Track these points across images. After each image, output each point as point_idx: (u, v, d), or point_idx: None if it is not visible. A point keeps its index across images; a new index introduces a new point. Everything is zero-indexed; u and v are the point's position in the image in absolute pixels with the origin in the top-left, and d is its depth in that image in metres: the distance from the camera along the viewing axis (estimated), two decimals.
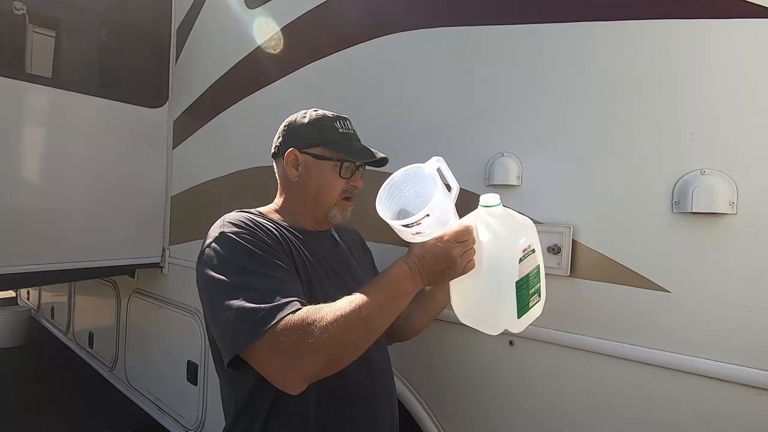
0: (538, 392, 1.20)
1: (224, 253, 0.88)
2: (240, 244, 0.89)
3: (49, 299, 4.86)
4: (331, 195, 1.05)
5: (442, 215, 0.85)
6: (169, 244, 2.68)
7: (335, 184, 1.05)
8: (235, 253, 0.88)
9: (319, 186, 1.05)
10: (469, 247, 0.85)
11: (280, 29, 1.91)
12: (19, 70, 2.23)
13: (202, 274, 0.88)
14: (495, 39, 1.28)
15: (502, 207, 0.90)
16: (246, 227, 0.93)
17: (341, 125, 1.07)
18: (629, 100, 1.05)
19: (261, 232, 0.94)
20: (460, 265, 0.85)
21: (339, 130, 1.06)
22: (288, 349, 0.76)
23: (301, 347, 0.76)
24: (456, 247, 0.84)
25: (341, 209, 1.07)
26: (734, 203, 0.92)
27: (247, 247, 0.88)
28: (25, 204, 2.22)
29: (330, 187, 1.05)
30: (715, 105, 0.95)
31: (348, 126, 1.09)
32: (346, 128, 1.08)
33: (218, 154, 2.33)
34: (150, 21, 2.62)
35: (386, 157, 1.10)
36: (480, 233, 0.87)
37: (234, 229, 0.91)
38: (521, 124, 1.23)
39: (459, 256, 0.84)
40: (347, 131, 1.08)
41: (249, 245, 0.88)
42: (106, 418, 3.01)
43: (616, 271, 1.06)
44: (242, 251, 0.88)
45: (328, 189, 1.05)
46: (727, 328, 0.93)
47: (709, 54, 0.96)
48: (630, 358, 1.04)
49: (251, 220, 0.97)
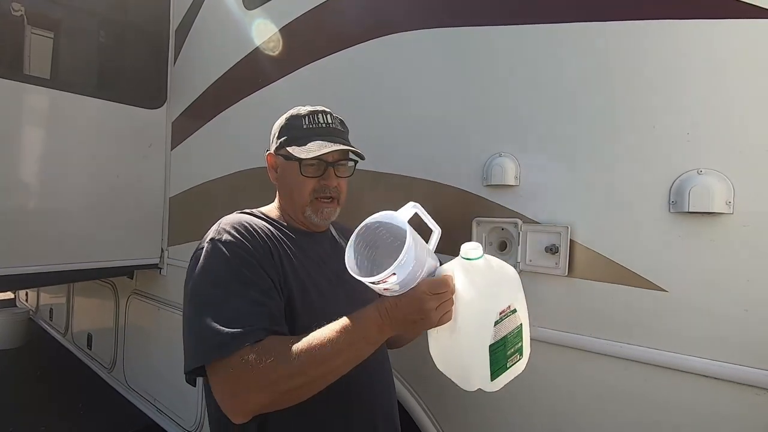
0: (536, 392, 1.20)
1: (208, 266, 0.88)
2: (225, 258, 0.88)
3: (47, 301, 4.86)
4: (302, 195, 1.02)
5: (413, 272, 0.76)
6: (168, 245, 2.68)
7: (304, 183, 1.01)
8: (219, 266, 0.88)
9: (290, 186, 1.04)
10: (445, 299, 0.78)
11: (279, 30, 1.92)
12: (18, 72, 2.23)
13: (186, 279, 0.91)
14: (493, 39, 1.28)
15: (484, 259, 0.83)
16: (238, 236, 0.91)
17: (309, 120, 1.02)
18: (626, 100, 1.06)
19: (255, 238, 0.93)
20: (435, 318, 0.78)
21: (303, 126, 1.02)
22: (236, 381, 0.77)
23: (249, 381, 0.76)
24: (431, 300, 0.76)
25: (315, 209, 1.03)
26: (731, 203, 0.92)
27: (231, 262, 0.87)
28: (23, 205, 2.22)
29: (300, 187, 1.02)
30: (711, 104, 0.95)
31: (318, 120, 1.03)
32: (314, 123, 1.03)
33: (217, 155, 2.33)
34: (148, 22, 2.62)
35: (348, 148, 1.03)
36: (458, 286, 0.80)
37: (225, 238, 0.90)
38: (519, 124, 1.23)
39: (433, 309, 0.77)
40: (315, 126, 1.02)
41: (234, 259, 0.88)
42: (104, 419, 3.00)
43: (614, 271, 1.06)
44: (226, 265, 0.87)
45: (298, 189, 1.02)
46: (724, 328, 0.94)
47: (706, 54, 0.96)
48: (628, 358, 1.04)
49: (248, 224, 0.96)
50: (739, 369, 0.91)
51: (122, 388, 3.20)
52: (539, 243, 1.18)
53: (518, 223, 1.21)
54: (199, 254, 0.91)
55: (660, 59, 1.01)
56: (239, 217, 1.00)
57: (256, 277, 0.88)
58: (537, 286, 1.19)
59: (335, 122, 1.07)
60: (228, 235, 0.91)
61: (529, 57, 1.21)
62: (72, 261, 2.34)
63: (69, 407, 3.18)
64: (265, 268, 0.90)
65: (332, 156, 1.02)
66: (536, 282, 1.19)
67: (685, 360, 0.97)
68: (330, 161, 1.02)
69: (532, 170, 1.21)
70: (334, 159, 1.03)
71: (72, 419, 3.03)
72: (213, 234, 0.93)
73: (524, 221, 1.20)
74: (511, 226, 1.23)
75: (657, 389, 1.02)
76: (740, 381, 0.91)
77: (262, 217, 1.05)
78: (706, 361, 0.95)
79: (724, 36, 0.94)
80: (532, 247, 1.19)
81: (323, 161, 1.01)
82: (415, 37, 1.46)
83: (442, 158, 1.38)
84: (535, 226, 1.19)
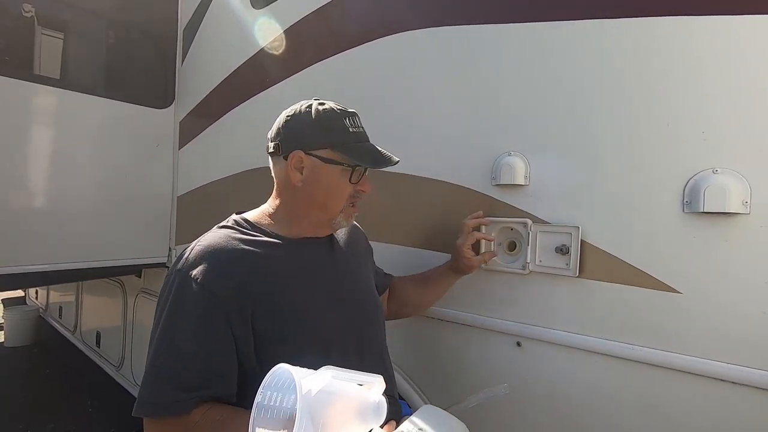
0: (545, 394, 1.18)
1: (174, 303, 0.86)
2: (192, 301, 0.85)
3: (56, 299, 4.90)
4: (339, 201, 0.98)
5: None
6: (176, 244, 2.69)
7: (344, 189, 0.97)
8: (186, 306, 0.85)
9: (327, 192, 0.97)
10: None
11: (287, 29, 1.91)
12: (28, 72, 2.25)
13: (156, 310, 0.90)
14: (502, 37, 1.26)
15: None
16: (212, 272, 0.86)
17: (351, 123, 0.98)
18: (639, 98, 1.04)
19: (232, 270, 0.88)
20: None
21: (349, 129, 0.97)
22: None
23: None
24: None
25: (347, 215, 1.01)
26: (747, 202, 0.90)
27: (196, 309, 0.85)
28: (33, 204, 2.24)
29: (339, 192, 0.97)
30: (728, 102, 0.93)
31: (357, 123, 1.00)
32: (356, 126, 0.99)
33: (225, 154, 2.34)
34: (156, 22, 2.63)
35: (398, 160, 1.02)
36: None
37: (198, 273, 0.86)
38: (528, 123, 1.22)
39: None
40: (357, 130, 0.99)
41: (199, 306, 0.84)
42: (113, 417, 3.02)
43: (626, 272, 1.04)
44: (191, 310, 0.85)
45: (336, 195, 0.98)
46: (739, 330, 0.91)
47: (722, 50, 0.94)
48: (640, 361, 1.02)
49: (226, 255, 0.89)
50: (756, 373, 0.89)
51: (130, 386, 3.22)
52: (549, 243, 1.16)
53: (528, 223, 1.19)
54: (168, 283, 0.89)
55: (674, 56, 0.99)
56: (219, 237, 0.93)
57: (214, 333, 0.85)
58: (547, 287, 1.17)
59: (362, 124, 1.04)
60: (202, 267, 0.87)
61: (539, 55, 1.20)
62: (80, 260, 2.36)
63: (78, 405, 3.21)
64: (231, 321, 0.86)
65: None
66: (546, 283, 1.17)
67: (700, 363, 0.95)
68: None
69: (542, 169, 1.19)
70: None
71: (81, 417, 3.05)
72: (186, 263, 0.88)
73: (534, 221, 1.19)
74: (520, 226, 1.21)
75: (669, 393, 1.00)
76: (757, 385, 0.89)
77: (246, 234, 0.96)
78: (721, 364, 0.93)
79: (742, 32, 0.92)
80: (542, 248, 1.17)
81: (363, 167, 0.98)
82: (422, 37, 1.45)
83: (451, 157, 1.37)
84: (545, 226, 1.17)
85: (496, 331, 1.27)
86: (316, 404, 0.59)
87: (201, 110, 2.50)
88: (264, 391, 0.62)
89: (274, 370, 0.63)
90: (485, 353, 1.30)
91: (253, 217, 1.02)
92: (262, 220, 1.01)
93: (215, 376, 0.84)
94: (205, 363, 0.84)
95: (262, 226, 0.99)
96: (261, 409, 0.61)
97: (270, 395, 0.62)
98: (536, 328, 1.19)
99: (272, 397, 0.62)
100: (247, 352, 0.87)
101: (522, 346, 1.22)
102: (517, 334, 1.23)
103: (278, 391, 0.62)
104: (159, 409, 0.81)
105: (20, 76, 2.14)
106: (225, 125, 2.32)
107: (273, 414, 0.61)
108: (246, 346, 0.87)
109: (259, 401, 0.62)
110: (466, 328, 1.34)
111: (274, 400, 0.61)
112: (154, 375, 0.84)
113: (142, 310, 3.07)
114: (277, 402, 0.61)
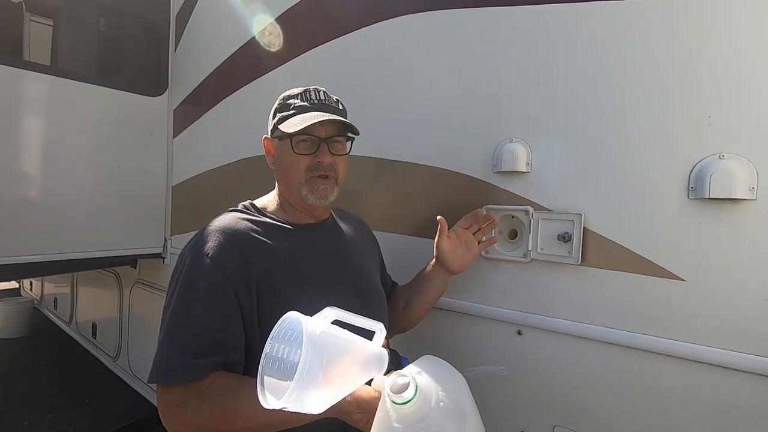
0: (547, 383, 1.18)
1: (187, 277, 0.91)
2: (203, 275, 0.89)
3: (51, 290, 4.87)
4: (296, 174, 0.99)
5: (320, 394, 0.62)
6: (171, 234, 2.66)
7: (298, 162, 0.98)
8: (197, 281, 0.90)
9: (284, 167, 1.01)
10: (371, 416, 0.69)
11: (281, 14, 1.87)
12: (17, 58, 2.20)
13: (170, 283, 0.95)
14: (502, 21, 1.23)
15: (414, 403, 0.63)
16: (221, 248, 0.91)
17: (302, 98, 1.00)
18: (643, 83, 1.01)
19: (240, 246, 0.93)
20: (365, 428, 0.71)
21: (295, 103, 0.99)
22: (171, 407, 0.84)
23: (178, 414, 0.83)
24: (356, 413, 0.72)
25: (311, 188, 0.99)
26: (754, 188, 0.89)
27: (207, 282, 0.89)
28: (24, 194, 2.19)
29: (294, 165, 0.99)
30: (734, 86, 0.91)
31: (311, 96, 1.00)
32: (307, 99, 0.99)
33: (220, 143, 2.30)
34: (149, 8, 2.57)
35: (338, 118, 0.97)
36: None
37: (209, 248, 0.91)
38: (530, 109, 1.19)
39: (362, 421, 0.72)
40: (305, 103, 0.99)
41: (210, 279, 0.89)
42: (109, 407, 3.01)
43: (629, 260, 1.03)
44: (202, 283, 0.89)
45: (292, 168, 0.99)
46: (744, 318, 0.90)
47: (728, 33, 0.92)
48: (644, 349, 1.02)
49: (234, 233, 0.95)
50: (760, 360, 0.88)
51: (127, 377, 3.22)
52: (551, 231, 1.14)
53: (529, 211, 1.17)
54: (182, 261, 0.94)
55: (680, 39, 0.97)
56: (230, 219, 0.99)
57: (223, 304, 0.89)
58: (549, 275, 1.16)
59: (329, 99, 1.02)
60: (214, 245, 0.92)
61: (540, 39, 1.17)
62: (74, 250, 2.33)
63: (74, 396, 3.19)
64: (238, 293, 0.90)
65: (325, 131, 0.97)
66: (548, 271, 1.16)
67: (705, 351, 0.94)
68: (323, 137, 0.97)
69: (544, 156, 1.17)
70: (327, 135, 0.98)
71: (77, 408, 3.04)
72: (200, 241, 0.94)
73: (536, 209, 1.17)
74: (522, 213, 1.19)
75: (675, 381, 0.99)
76: (761, 372, 0.89)
77: (253, 216, 1.01)
78: (724, 351, 0.92)
79: (747, 15, 0.90)
80: (544, 235, 1.16)
81: (316, 137, 0.97)
82: (421, 21, 1.41)
83: (451, 144, 1.35)
84: (547, 214, 1.16)
85: (496, 319, 1.26)
86: (322, 343, 0.62)
87: (195, 98, 2.45)
88: (273, 342, 0.65)
89: (281, 321, 0.66)
90: (486, 342, 1.29)
91: (260, 203, 1.08)
92: (268, 206, 1.07)
93: (225, 343, 0.87)
94: (217, 332, 0.87)
95: (267, 211, 1.05)
96: (269, 359, 0.64)
97: (278, 347, 0.64)
98: (537, 317, 1.18)
99: (280, 349, 0.64)
100: (252, 323, 0.91)
101: (523, 335, 1.22)
102: (518, 322, 1.22)
103: (286, 344, 0.64)
104: (174, 375, 0.83)
105: (9, 62, 2.08)
106: (220, 113, 2.27)
107: (280, 366, 0.63)
108: (251, 317, 0.91)
109: (268, 351, 0.64)
110: (467, 317, 1.33)
111: (282, 352, 0.64)
112: (169, 343, 0.87)
113: (138, 301, 3.05)
114: (284, 355, 0.63)
